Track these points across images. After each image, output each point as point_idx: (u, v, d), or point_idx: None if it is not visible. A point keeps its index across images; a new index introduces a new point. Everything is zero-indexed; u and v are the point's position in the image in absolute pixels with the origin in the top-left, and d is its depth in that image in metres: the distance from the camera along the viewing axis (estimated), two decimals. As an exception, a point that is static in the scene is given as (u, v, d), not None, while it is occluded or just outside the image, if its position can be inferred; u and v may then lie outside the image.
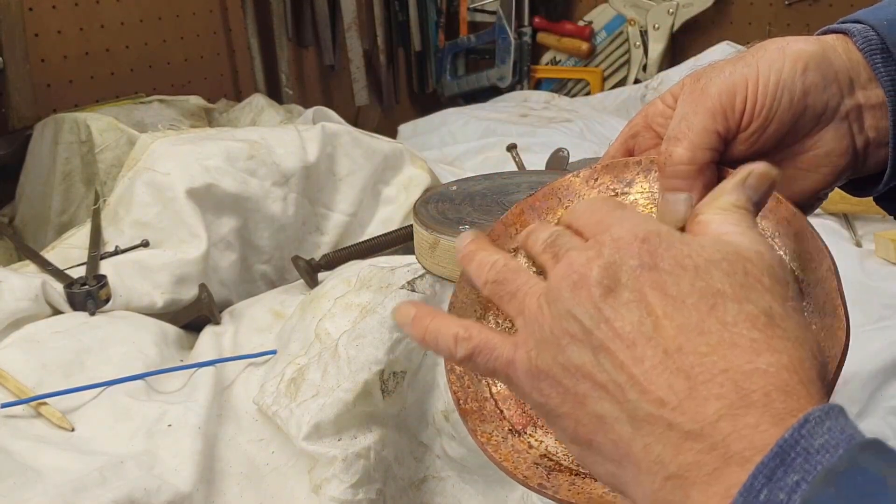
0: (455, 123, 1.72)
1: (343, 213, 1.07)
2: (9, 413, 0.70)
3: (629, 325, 0.35)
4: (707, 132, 0.45)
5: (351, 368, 0.67)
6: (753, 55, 0.46)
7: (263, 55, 1.85)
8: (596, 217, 0.40)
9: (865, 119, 0.47)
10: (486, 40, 2.20)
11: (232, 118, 1.52)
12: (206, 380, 0.76)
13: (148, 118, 1.38)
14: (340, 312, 0.74)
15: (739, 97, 0.45)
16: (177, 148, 0.98)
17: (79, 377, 0.75)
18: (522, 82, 2.18)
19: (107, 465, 0.65)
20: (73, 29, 1.50)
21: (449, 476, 0.71)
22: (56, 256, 0.96)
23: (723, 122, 0.45)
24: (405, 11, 2.18)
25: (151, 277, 0.91)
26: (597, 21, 2.17)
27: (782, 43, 0.46)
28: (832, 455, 0.30)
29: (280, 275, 1.04)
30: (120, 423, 0.71)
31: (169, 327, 0.88)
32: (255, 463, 0.70)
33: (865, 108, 0.46)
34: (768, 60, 0.45)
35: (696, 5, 2.02)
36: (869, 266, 1.02)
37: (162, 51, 1.66)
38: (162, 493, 0.63)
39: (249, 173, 0.99)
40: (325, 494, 0.64)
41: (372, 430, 0.67)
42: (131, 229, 0.96)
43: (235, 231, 0.98)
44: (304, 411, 0.67)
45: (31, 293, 0.84)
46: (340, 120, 1.36)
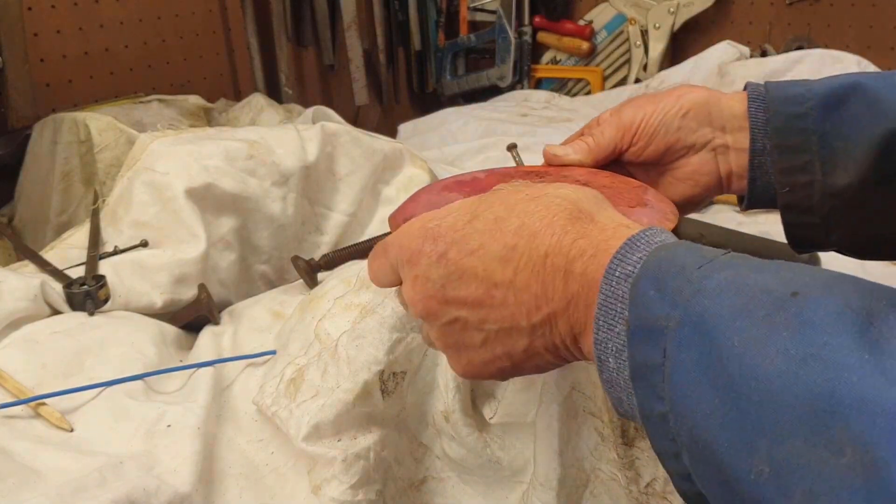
0: (455, 123, 1.71)
1: (343, 213, 1.07)
2: (8, 413, 0.70)
3: (476, 291, 0.46)
4: (611, 138, 0.67)
5: (351, 369, 0.67)
6: (662, 97, 0.66)
7: (263, 55, 1.85)
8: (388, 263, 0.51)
9: (730, 155, 0.66)
10: (486, 40, 2.20)
11: (231, 118, 1.52)
12: (205, 380, 0.76)
13: (147, 118, 1.38)
14: (340, 312, 0.74)
15: (636, 125, 0.66)
16: (176, 148, 0.98)
17: (78, 377, 0.75)
18: (522, 82, 2.18)
19: (106, 465, 0.65)
20: (73, 28, 1.49)
21: (449, 477, 0.71)
22: (55, 256, 0.96)
23: (621, 137, 0.66)
24: (405, 11, 2.18)
25: (150, 277, 0.91)
26: (597, 20, 2.16)
27: (685, 90, 0.66)
28: (668, 238, 0.42)
29: (279, 275, 1.04)
30: (119, 423, 0.71)
31: (168, 327, 0.88)
32: (254, 463, 0.70)
33: (732, 148, 0.65)
34: (665, 103, 0.66)
35: (696, 5, 2.02)
36: (869, 266, 1.02)
37: (161, 50, 1.65)
38: (161, 493, 0.63)
39: (249, 173, 0.99)
40: (325, 495, 0.64)
41: (372, 430, 0.67)
42: (130, 229, 0.96)
43: (235, 231, 0.98)
44: (303, 412, 0.67)
45: (29, 293, 0.83)
46: (340, 119, 1.36)
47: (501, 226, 0.45)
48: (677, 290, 0.37)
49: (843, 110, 0.61)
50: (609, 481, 0.66)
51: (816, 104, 0.62)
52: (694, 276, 0.38)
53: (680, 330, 0.36)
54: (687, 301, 0.37)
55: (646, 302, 0.38)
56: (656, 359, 0.37)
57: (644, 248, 0.41)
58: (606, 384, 0.42)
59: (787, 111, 0.63)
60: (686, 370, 0.36)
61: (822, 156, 0.62)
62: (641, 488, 0.65)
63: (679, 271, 0.38)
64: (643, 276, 0.39)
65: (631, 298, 0.39)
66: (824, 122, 0.62)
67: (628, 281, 0.40)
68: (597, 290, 0.41)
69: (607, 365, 0.41)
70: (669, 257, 0.39)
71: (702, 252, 0.39)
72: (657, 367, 0.37)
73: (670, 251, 0.40)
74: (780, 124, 0.63)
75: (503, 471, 0.70)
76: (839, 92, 0.62)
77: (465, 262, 0.46)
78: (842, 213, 0.62)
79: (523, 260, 0.44)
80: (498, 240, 0.45)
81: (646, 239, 0.42)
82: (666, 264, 0.39)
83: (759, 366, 0.33)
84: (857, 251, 0.67)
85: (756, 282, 0.36)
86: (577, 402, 0.66)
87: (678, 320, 0.37)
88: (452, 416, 0.68)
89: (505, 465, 0.69)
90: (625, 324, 0.39)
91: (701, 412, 0.35)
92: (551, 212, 0.45)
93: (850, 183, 0.61)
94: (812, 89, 0.63)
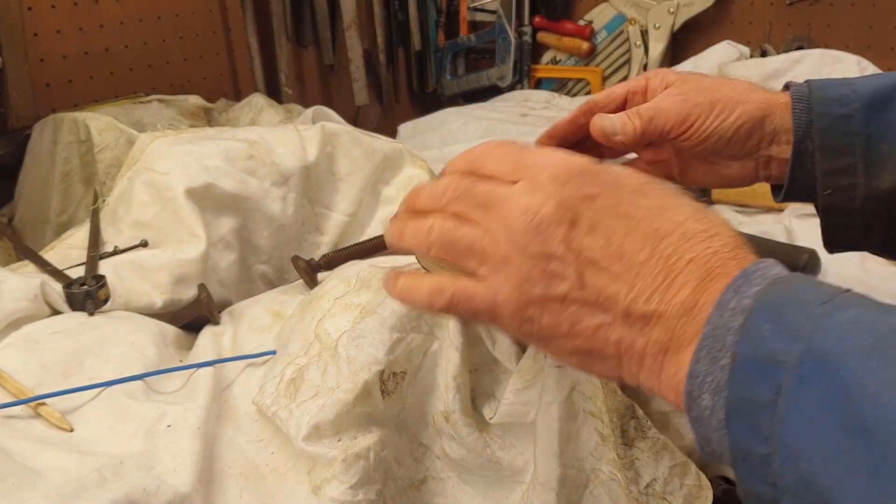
0: (455, 123, 1.71)
1: (343, 213, 1.07)
2: (8, 413, 0.70)
3: (601, 251, 0.41)
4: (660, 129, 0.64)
5: (351, 369, 0.67)
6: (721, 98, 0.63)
7: (263, 55, 1.84)
8: (509, 161, 0.45)
9: (771, 165, 0.66)
10: (486, 40, 2.20)
11: (231, 118, 1.52)
12: (205, 380, 0.76)
13: (147, 118, 1.38)
14: (340, 312, 0.74)
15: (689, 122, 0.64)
16: (176, 148, 0.98)
17: (78, 377, 0.75)
18: (522, 82, 2.18)
19: (106, 465, 0.65)
20: (73, 28, 1.49)
21: (449, 477, 0.71)
22: (55, 256, 0.96)
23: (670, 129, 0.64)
24: (405, 11, 2.18)
25: (150, 277, 0.91)
26: (597, 20, 2.16)
27: (744, 98, 0.64)
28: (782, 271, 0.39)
29: (279, 275, 1.04)
30: (119, 423, 0.71)
31: (168, 327, 0.88)
32: (254, 463, 0.70)
33: (775, 159, 0.65)
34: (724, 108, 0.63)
35: (696, 5, 2.02)
36: (869, 266, 1.02)
37: (161, 50, 1.65)
38: (161, 493, 0.63)
39: (249, 173, 0.99)
40: (325, 495, 0.64)
41: (372, 430, 0.67)
42: (130, 229, 0.96)
43: (234, 231, 0.98)
44: (303, 412, 0.67)
45: (29, 293, 0.83)
46: (340, 119, 1.36)
47: (663, 213, 0.42)
48: (797, 324, 0.35)
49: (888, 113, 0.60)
50: (609, 481, 0.66)
51: (861, 105, 0.60)
52: (816, 312, 0.35)
53: (801, 366, 0.34)
54: (809, 336, 0.34)
55: (760, 335, 0.36)
56: (767, 395, 0.35)
57: (760, 282, 0.38)
58: (694, 423, 0.39)
59: (831, 112, 0.61)
60: (806, 409, 0.33)
61: (867, 158, 0.60)
62: (641, 489, 0.65)
63: (799, 306, 0.36)
64: (758, 310, 0.37)
65: (743, 331, 0.36)
66: (869, 123, 0.60)
67: (743, 314, 0.37)
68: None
69: (699, 402, 0.38)
70: (788, 291, 0.37)
71: (821, 288, 0.37)
72: (767, 405, 0.34)
73: (788, 286, 0.37)
74: (824, 125, 0.61)
75: (503, 471, 0.70)
76: (884, 93, 0.60)
77: (609, 219, 0.41)
78: (883, 216, 0.61)
79: (666, 251, 0.40)
80: (651, 222, 0.41)
81: (762, 272, 0.39)
82: (784, 298, 0.37)
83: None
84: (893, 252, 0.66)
85: (885, 322, 0.34)
86: (578, 402, 0.66)
87: (799, 356, 0.34)
88: (452, 416, 0.68)
89: (505, 465, 0.69)
90: (731, 357, 0.36)
91: (821, 456, 0.32)
92: (715, 230, 0.41)
93: (893, 186, 0.60)
94: (857, 90, 0.61)
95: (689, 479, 0.66)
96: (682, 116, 0.63)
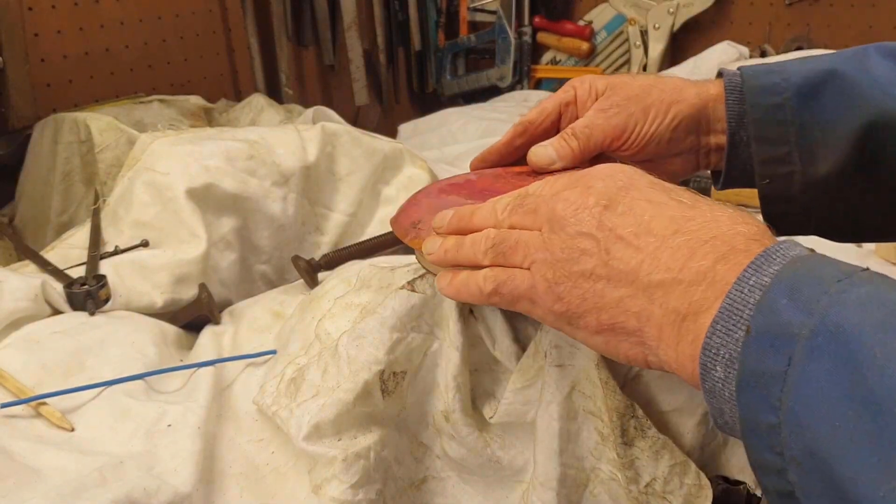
0: (455, 123, 1.71)
1: (343, 212, 1.07)
2: (8, 413, 0.70)
3: (630, 228, 0.44)
4: (597, 144, 0.65)
5: (351, 368, 0.67)
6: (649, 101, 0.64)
7: (263, 55, 1.85)
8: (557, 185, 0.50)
9: (711, 155, 0.67)
10: (486, 40, 2.20)
11: (232, 118, 1.52)
12: (205, 380, 0.76)
13: (148, 118, 1.38)
14: (340, 312, 0.74)
15: (626, 133, 0.65)
16: (176, 148, 0.98)
17: (78, 377, 0.75)
18: (522, 82, 2.18)
19: (106, 465, 0.65)
20: (73, 29, 1.49)
21: (449, 476, 0.71)
22: (56, 256, 0.96)
23: (609, 143, 0.65)
24: (405, 11, 2.18)
25: (151, 277, 0.91)
26: (597, 21, 2.17)
27: (675, 98, 0.65)
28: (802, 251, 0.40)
29: (280, 275, 1.04)
30: (119, 423, 0.71)
31: (168, 327, 0.88)
32: (254, 463, 0.70)
33: (713, 148, 0.67)
34: (656, 112, 0.64)
35: (696, 5, 2.02)
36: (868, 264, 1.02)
37: (162, 50, 1.65)
38: (161, 493, 0.63)
39: (249, 173, 0.99)
40: (325, 495, 0.64)
41: (372, 430, 0.67)
42: (131, 229, 0.96)
43: (235, 231, 0.98)
44: (303, 411, 0.67)
45: (30, 293, 0.84)
46: (340, 120, 1.36)
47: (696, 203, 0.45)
48: (813, 299, 0.36)
49: (820, 99, 0.60)
50: (609, 481, 0.66)
51: (793, 94, 0.61)
52: (832, 287, 0.36)
53: (813, 338, 0.35)
54: (824, 310, 0.35)
55: (775, 308, 0.37)
56: (778, 367, 0.35)
57: (780, 261, 0.39)
58: (707, 394, 0.40)
59: (764, 103, 0.62)
60: (815, 380, 0.34)
61: (801, 146, 0.61)
62: (641, 488, 0.65)
63: (816, 282, 0.36)
64: (776, 285, 0.38)
65: (758, 305, 0.37)
66: (802, 112, 0.61)
67: (761, 290, 0.38)
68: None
69: (713, 373, 0.39)
70: (806, 268, 0.38)
71: (840, 266, 0.38)
72: (777, 376, 0.35)
73: (807, 263, 0.38)
74: (757, 116, 0.62)
75: (503, 470, 0.70)
76: (815, 80, 0.61)
77: (639, 203, 0.45)
78: (822, 200, 0.62)
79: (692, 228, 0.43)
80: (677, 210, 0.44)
81: (782, 251, 0.40)
82: (802, 274, 0.37)
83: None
84: (836, 235, 0.66)
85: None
86: (577, 401, 0.66)
87: (812, 328, 0.35)
88: (452, 416, 0.68)
89: (505, 465, 0.69)
90: (745, 329, 0.37)
91: (827, 425, 0.33)
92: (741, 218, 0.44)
93: (829, 172, 0.60)
94: (788, 78, 0.62)
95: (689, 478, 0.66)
96: (619, 130, 0.65)
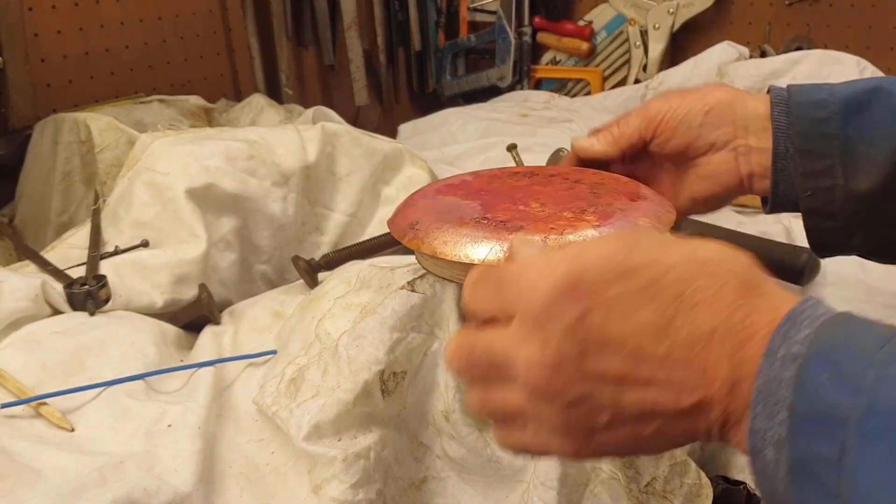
0: (455, 123, 1.71)
1: (343, 213, 1.07)
2: (9, 413, 0.70)
3: (618, 365, 0.38)
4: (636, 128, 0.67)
5: (351, 368, 0.67)
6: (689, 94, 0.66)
7: (263, 55, 1.85)
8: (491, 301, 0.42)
9: (752, 156, 0.65)
10: (486, 40, 2.20)
11: (232, 118, 1.52)
12: (205, 380, 0.76)
13: (148, 118, 1.38)
14: (340, 312, 0.74)
15: (660, 116, 0.66)
16: (176, 148, 0.98)
17: (79, 377, 0.75)
18: (522, 82, 2.18)
19: (106, 465, 0.65)
20: (73, 29, 1.49)
21: (449, 476, 0.71)
22: (56, 256, 0.96)
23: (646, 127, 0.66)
24: (405, 11, 2.18)
25: (151, 277, 0.91)
26: (597, 21, 2.16)
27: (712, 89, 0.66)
28: (829, 310, 0.36)
29: (280, 275, 1.04)
30: (120, 423, 0.71)
31: (168, 327, 0.88)
32: (254, 463, 0.70)
33: (754, 149, 0.65)
34: (691, 99, 0.66)
35: (696, 5, 2.02)
36: (869, 266, 1.02)
37: (162, 51, 1.65)
38: (162, 493, 0.63)
39: (249, 173, 0.99)
40: (325, 495, 0.64)
41: (372, 430, 0.67)
42: (131, 229, 0.96)
43: (235, 231, 0.98)
44: (303, 411, 0.67)
45: (30, 293, 0.84)
46: (340, 120, 1.36)
47: (658, 291, 0.38)
48: (859, 374, 0.33)
49: (865, 115, 0.61)
50: (609, 480, 0.66)
51: (839, 108, 0.61)
52: (877, 358, 0.33)
53: (866, 421, 0.32)
54: (872, 388, 0.32)
55: (818, 388, 0.34)
56: (831, 453, 0.33)
57: (809, 325, 0.35)
58: (759, 475, 0.36)
59: (810, 115, 0.62)
60: (874, 467, 0.32)
61: (845, 160, 0.61)
62: (642, 487, 0.66)
63: (857, 353, 0.34)
64: (813, 358, 0.34)
65: (798, 383, 0.34)
66: (847, 126, 0.61)
67: (795, 363, 0.35)
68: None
69: (763, 456, 0.36)
70: (841, 335, 0.35)
71: (876, 329, 0.35)
72: (832, 463, 0.33)
73: (841, 328, 0.35)
74: (802, 128, 0.62)
75: (503, 470, 0.70)
76: (861, 96, 0.61)
77: (610, 330, 0.38)
78: (864, 217, 0.62)
79: (682, 335, 0.38)
80: (652, 308, 0.38)
81: (809, 313, 0.36)
82: (840, 344, 0.34)
83: None
84: (878, 255, 0.66)
85: None
86: (577, 401, 0.66)
87: (862, 410, 0.32)
88: (452, 416, 0.68)
89: (505, 465, 0.69)
90: (788, 411, 0.34)
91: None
92: (718, 281, 0.38)
93: (872, 187, 0.61)
94: (835, 94, 0.62)
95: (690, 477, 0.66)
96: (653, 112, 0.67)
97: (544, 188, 0.64)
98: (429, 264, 0.62)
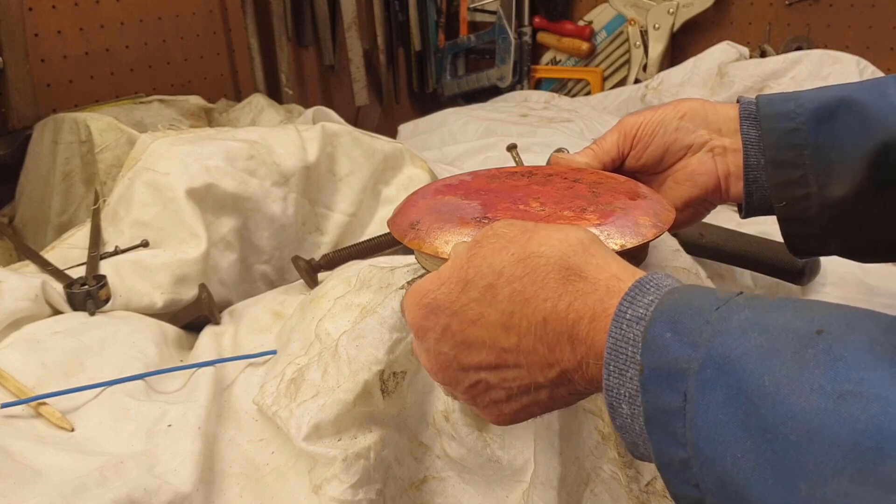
0: (455, 123, 1.71)
1: (343, 213, 1.07)
2: (8, 413, 0.70)
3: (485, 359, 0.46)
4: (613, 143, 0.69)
5: (351, 368, 0.67)
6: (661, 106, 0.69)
7: (263, 55, 1.85)
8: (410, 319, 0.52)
9: (727, 157, 0.67)
10: (486, 40, 2.20)
11: (232, 118, 1.52)
12: (205, 380, 0.76)
13: (148, 118, 1.38)
14: (340, 312, 0.74)
15: (636, 128, 0.69)
16: (176, 148, 0.98)
17: (79, 377, 0.75)
18: (522, 82, 2.18)
19: (106, 465, 0.65)
20: (73, 29, 1.49)
21: (449, 476, 0.71)
22: (56, 256, 0.96)
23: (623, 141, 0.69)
24: (405, 11, 2.18)
25: (151, 277, 0.91)
26: (597, 21, 2.17)
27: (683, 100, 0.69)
28: (674, 282, 0.41)
29: (280, 275, 1.04)
30: (120, 423, 0.71)
31: (169, 327, 0.88)
32: (255, 463, 0.70)
33: (728, 149, 0.67)
34: (663, 110, 0.69)
35: (696, 5, 2.02)
36: (869, 266, 1.02)
37: (162, 51, 1.66)
38: (162, 493, 0.63)
39: (249, 173, 0.99)
40: (326, 495, 0.64)
41: (372, 430, 0.67)
42: (131, 229, 0.96)
43: (235, 231, 0.98)
44: (304, 411, 0.67)
45: (30, 293, 0.84)
46: (340, 120, 1.36)
47: (494, 293, 0.45)
48: (696, 330, 0.36)
49: (833, 123, 0.62)
50: (610, 480, 0.66)
51: (807, 119, 0.63)
52: (712, 316, 0.37)
53: (702, 372, 0.35)
54: (708, 342, 0.36)
55: (661, 345, 0.37)
56: (676, 403, 0.36)
57: (654, 292, 0.40)
58: (620, 430, 0.41)
59: (778, 127, 0.63)
60: (712, 413, 0.35)
61: (817, 169, 0.62)
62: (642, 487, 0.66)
63: (696, 312, 0.37)
64: (657, 319, 0.38)
65: (644, 342, 0.38)
66: (816, 136, 0.62)
67: (640, 324, 0.39)
68: (604, 347, 0.40)
69: (620, 411, 0.40)
70: (683, 299, 0.38)
71: (715, 294, 0.39)
72: (677, 412, 0.36)
73: (683, 294, 0.39)
74: (772, 141, 0.63)
75: (503, 470, 0.70)
76: (829, 105, 0.62)
77: (469, 333, 0.46)
78: (839, 222, 0.63)
79: (523, 325, 0.44)
80: (494, 307, 0.45)
81: (655, 282, 0.40)
82: (681, 306, 0.38)
83: (794, 404, 0.32)
84: (856, 256, 0.67)
85: (778, 321, 0.35)
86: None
87: (700, 362, 0.36)
88: (452, 416, 0.68)
89: (505, 465, 0.69)
90: (638, 368, 0.38)
91: (731, 456, 0.34)
92: (539, 275, 0.44)
93: (845, 194, 0.62)
94: (802, 105, 0.63)
95: (689, 478, 0.66)
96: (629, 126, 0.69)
97: (544, 187, 0.64)
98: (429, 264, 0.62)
